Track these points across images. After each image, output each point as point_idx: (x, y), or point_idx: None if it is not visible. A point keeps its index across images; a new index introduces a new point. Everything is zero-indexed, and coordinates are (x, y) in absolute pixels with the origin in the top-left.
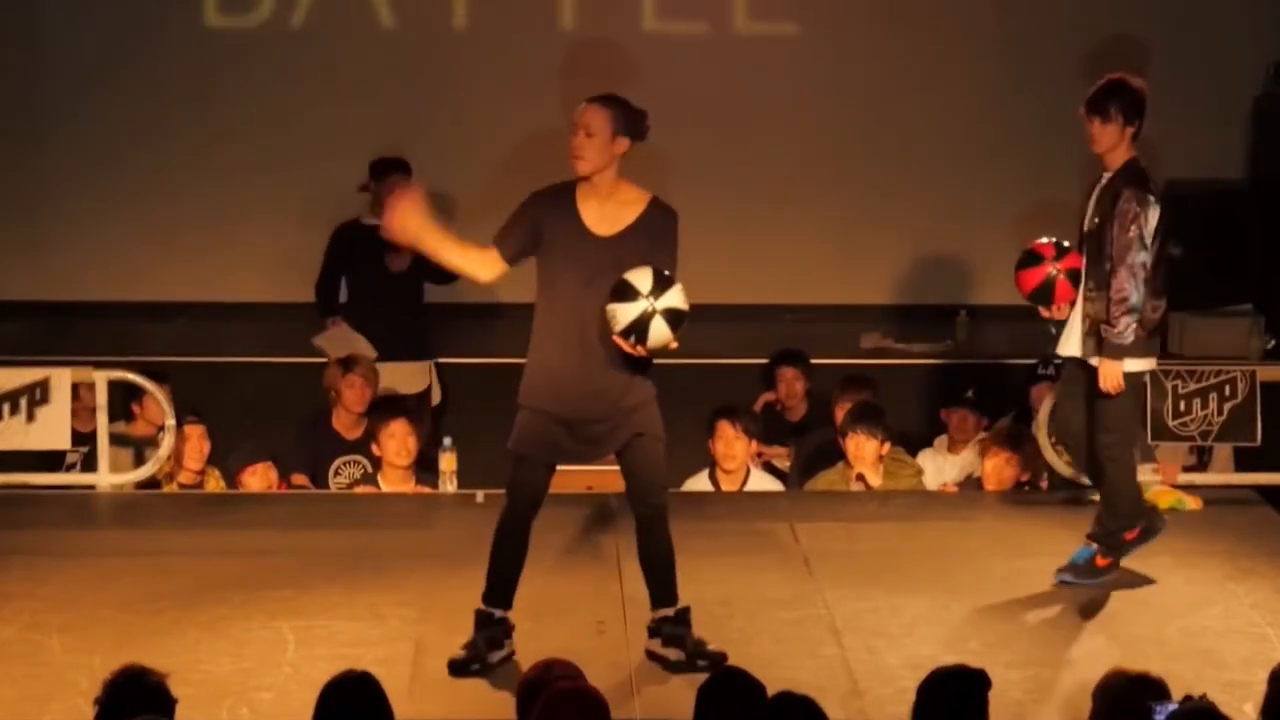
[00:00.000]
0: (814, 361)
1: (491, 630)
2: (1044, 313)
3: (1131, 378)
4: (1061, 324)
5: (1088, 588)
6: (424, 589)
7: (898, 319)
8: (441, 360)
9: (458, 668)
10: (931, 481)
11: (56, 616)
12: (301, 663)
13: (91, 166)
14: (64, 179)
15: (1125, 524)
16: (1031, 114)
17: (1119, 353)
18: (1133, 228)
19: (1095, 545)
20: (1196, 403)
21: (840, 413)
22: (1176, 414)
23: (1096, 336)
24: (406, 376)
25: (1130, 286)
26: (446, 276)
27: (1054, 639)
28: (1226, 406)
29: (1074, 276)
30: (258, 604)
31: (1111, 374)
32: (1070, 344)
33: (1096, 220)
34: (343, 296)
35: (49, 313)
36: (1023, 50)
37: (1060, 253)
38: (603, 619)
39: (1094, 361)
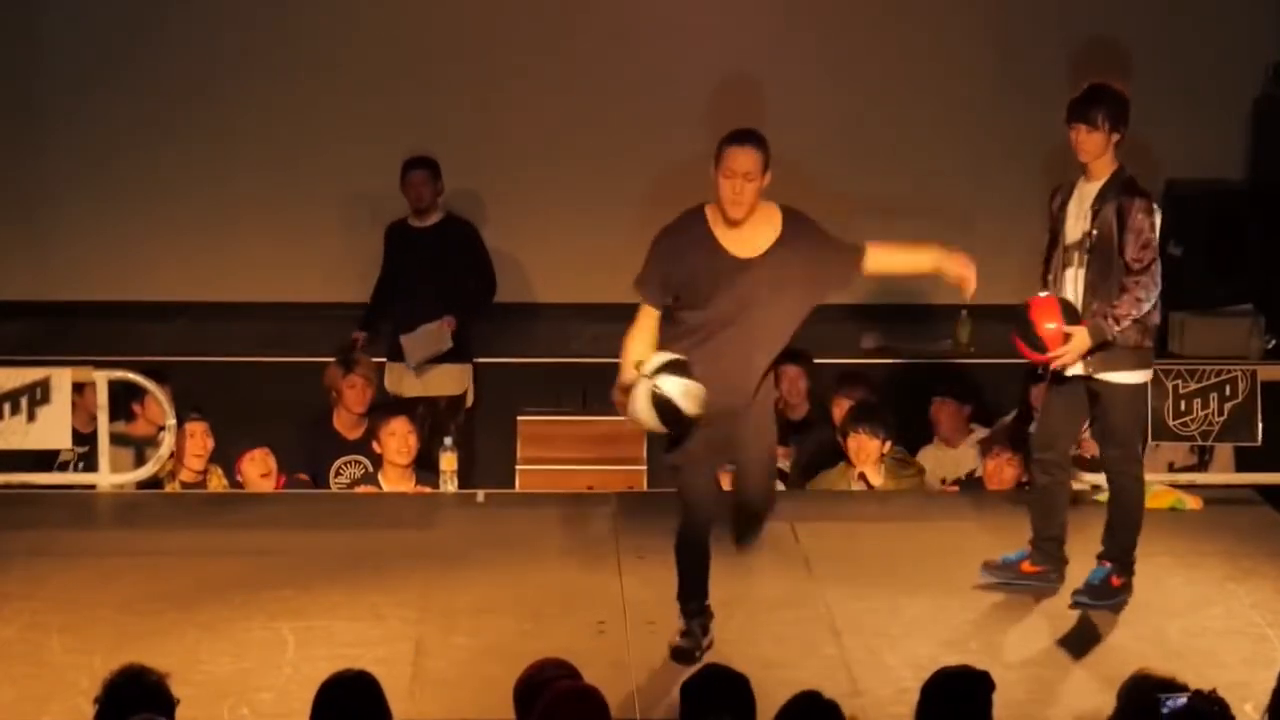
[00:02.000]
0: (815, 361)
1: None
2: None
3: (1135, 389)
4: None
5: (1100, 609)
6: (424, 589)
7: (898, 319)
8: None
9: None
10: (932, 476)
11: (57, 616)
12: (301, 663)
13: (91, 166)
14: (64, 179)
15: (1137, 540)
16: (1032, 114)
17: (1104, 343)
18: (1150, 235)
19: (1110, 564)
20: (1197, 402)
21: (838, 411)
22: (1177, 414)
23: (1106, 352)
24: (448, 379)
25: (1149, 294)
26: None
27: (1055, 639)
28: (1227, 406)
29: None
30: (258, 604)
31: (1079, 350)
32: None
33: (1095, 232)
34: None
35: (49, 312)
36: (1023, 51)
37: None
38: (603, 619)
39: (1106, 376)
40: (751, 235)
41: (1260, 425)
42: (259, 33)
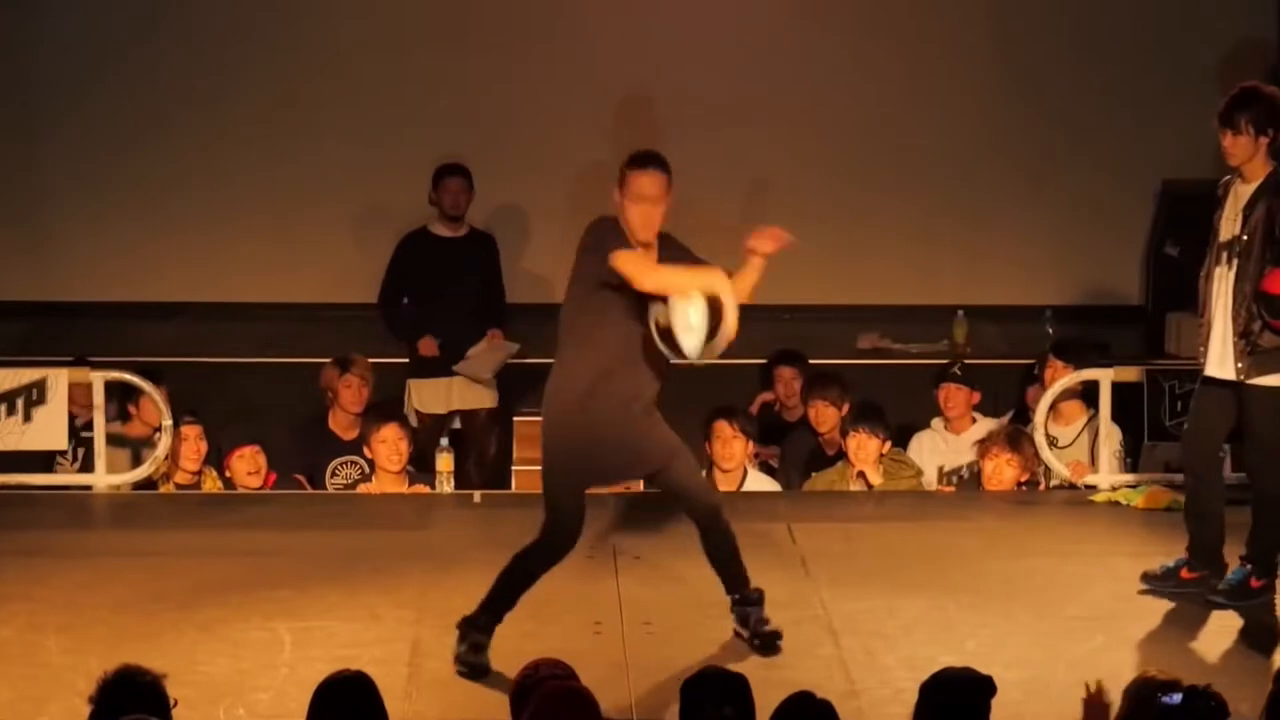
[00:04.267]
0: (812, 362)
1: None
2: None
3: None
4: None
5: (1240, 610)
6: (421, 590)
7: (895, 319)
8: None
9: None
10: (929, 462)
11: (53, 617)
12: (298, 663)
13: (88, 167)
14: (61, 179)
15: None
16: (1030, 114)
17: (1255, 348)
18: None
19: (1250, 566)
20: None
21: (813, 412)
22: (1174, 414)
23: (1254, 356)
24: (477, 392)
25: None
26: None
27: (1052, 639)
28: None
29: None
30: (255, 605)
31: None
32: (1222, 365)
33: (1244, 236)
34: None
35: (46, 313)
36: (1022, 50)
37: None
38: (599, 619)
39: (1254, 381)
40: (648, 254)
41: None
42: (256, 34)
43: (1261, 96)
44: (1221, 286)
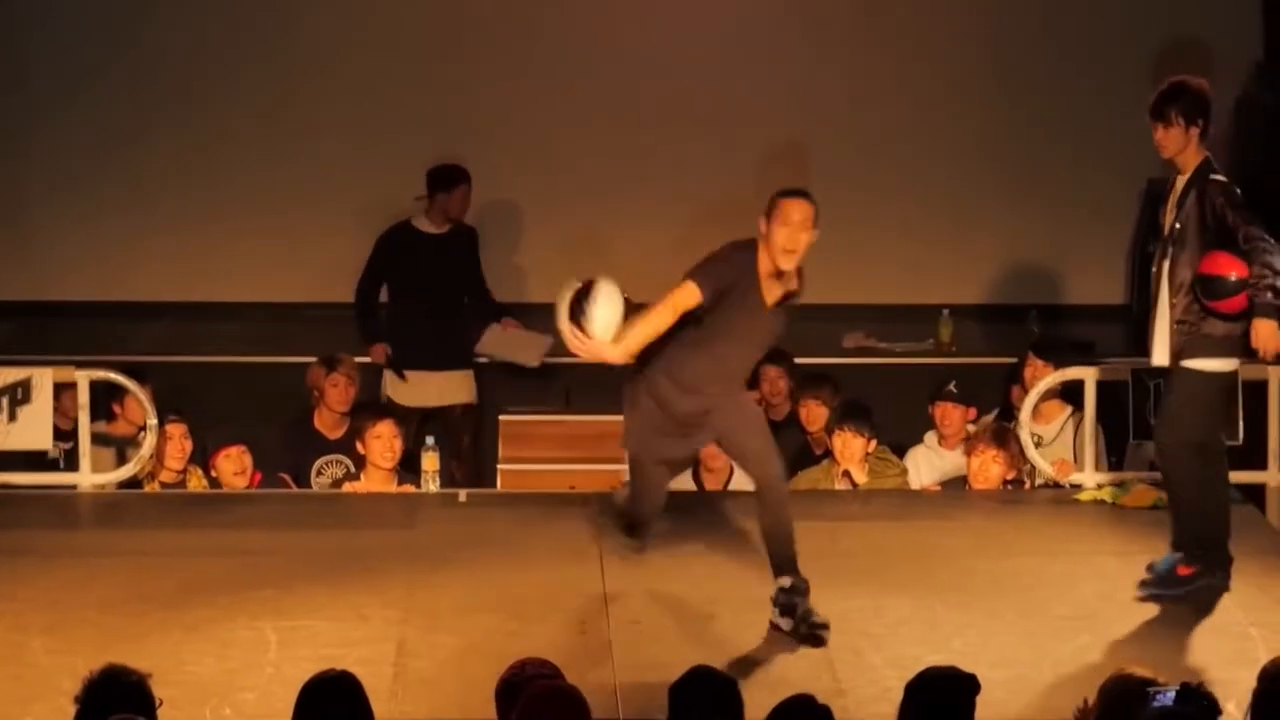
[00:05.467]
0: (797, 361)
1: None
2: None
3: (1204, 377)
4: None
5: (1168, 599)
6: (407, 589)
7: (880, 318)
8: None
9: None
10: (925, 476)
11: (39, 618)
12: (284, 663)
13: (75, 166)
14: (47, 179)
15: (1203, 532)
16: (1016, 113)
17: (1275, 312)
18: (1241, 211)
19: (1179, 553)
20: None
21: (804, 411)
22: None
23: (1187, 339)
24: (456, 387)
25: (1275, 249)
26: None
27: (1038, 638)
28: None
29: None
30: (241, 604)
31: (1269, 334)
32: (1163, 354)
33: (1178, 225)
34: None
35: (31, 312)
36: (1008, 51)
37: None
38: (585, 619)
39: (1184, 363)
40: (780, 286)
41: (1241, 424)
42: (244, 34)
43: (1189, 89)
44: (1162, 278)
